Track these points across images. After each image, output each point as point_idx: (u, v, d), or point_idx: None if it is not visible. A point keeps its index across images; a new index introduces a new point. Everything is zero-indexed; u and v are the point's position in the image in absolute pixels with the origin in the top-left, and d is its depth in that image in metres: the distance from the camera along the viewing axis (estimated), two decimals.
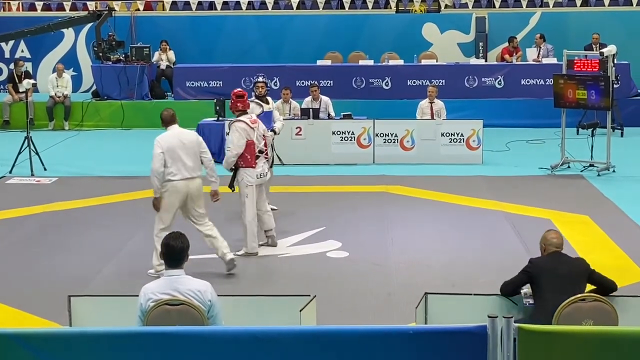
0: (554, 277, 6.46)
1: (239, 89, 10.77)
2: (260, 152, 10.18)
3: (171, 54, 20.49)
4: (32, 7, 22.37)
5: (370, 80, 19.24)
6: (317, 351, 4.48)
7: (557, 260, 6.65)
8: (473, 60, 19.96)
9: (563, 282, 6.39)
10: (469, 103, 18.55)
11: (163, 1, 22.47)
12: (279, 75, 19.02)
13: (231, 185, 10.21)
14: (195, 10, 22.04)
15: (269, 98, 11.90)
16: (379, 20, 21.45)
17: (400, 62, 19.57)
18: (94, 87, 20.30)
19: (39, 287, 9.14)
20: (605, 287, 6.44)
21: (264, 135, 10.30)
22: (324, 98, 15.91)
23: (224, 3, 22.03)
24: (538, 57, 19.68)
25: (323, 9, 21.89)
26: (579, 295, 6.17)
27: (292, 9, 21.99)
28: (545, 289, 6.42)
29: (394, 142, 15.34)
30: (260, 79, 12.69)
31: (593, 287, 6.60)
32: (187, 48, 21.15)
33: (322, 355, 4.48)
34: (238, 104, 10.24)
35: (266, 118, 11.26)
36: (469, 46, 21.05)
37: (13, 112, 19.13)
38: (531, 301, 6.53)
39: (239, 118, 10.16)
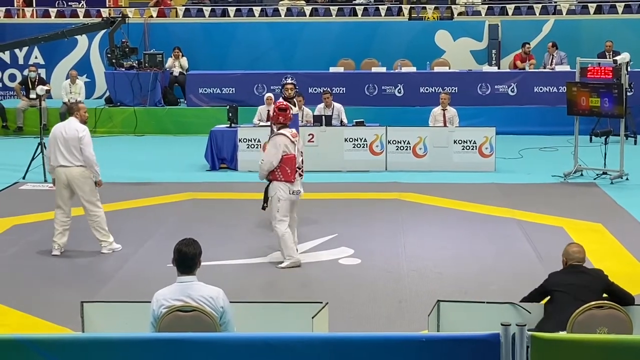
0: (569, 287, 6.42)
1: (282, 101, 10.66)
2: (298, 167, 10.03)
3: (184, 61, 20.55)
4: (46, 14, 22.46)
5: (382, 88, 19.26)
6: (328, 358, 4.47)
7: (575, 273, 6.60)
8: (486, 68, 19.93)
9: (579, 292, 6.34)
10: (482, 110, 18.54)
11: (176, 8, 22.55)
12: None
13: (264, 206, 10.06)
14: (208, 17, 22.09)
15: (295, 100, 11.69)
16: (392, 27, 21.45)
17: (413, 69, 19.58)
18: (107, 94, 20.37)
19: (51, 293, 9.17)
20: (623, 300, 6.37)
21: (301, 152, 10.15)
22: (337, 105, 15.93)
23: (237, 10, 22.07)
24: (551, 64, 19.64)
25: (336, 16, 21.90)
26: (594, 303, 6.12)
27: (305, 16, 22.02)
28: (561, 298, 6.38)
29: (406, 149, 15.33)
30: (289, 80, 12.65)
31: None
32: (200, 55, 21.21)
33: None
34: (280, 117, 9.98)
35: (293, 121, 11.08)
36: (481, 53, 21.02)
37: (26, 118, 19.23)
38: None
39: (280, 131, 9.94)
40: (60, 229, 10.38)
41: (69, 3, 23.13)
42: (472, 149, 15.22)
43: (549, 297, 6.54)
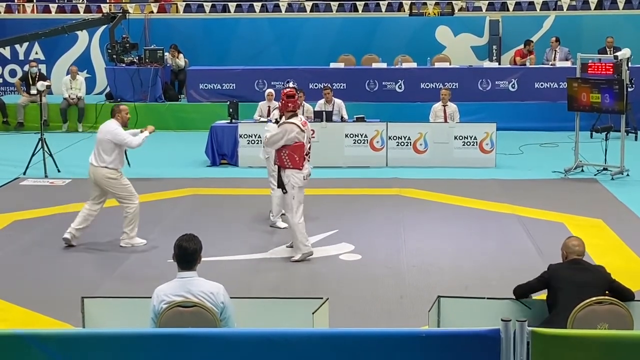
0: (571, 284, 6.35)
1: (289, 89, 10.61)
2: (306, 154, 10.09)
3: (180, 60, 20.41)
4: (47, 9, 22.45)
5: (383, 83, 19.24)
6: (329, 354, 4.47)
7: (576, 267, 6.55)
8: (486, 64, 19.92)
9: (581, 290, 6.26)
10: (483, 106, 18.52)
11: (177, 4, 22.54)
12: (292, 78, 19.03)
13: (283, 188, 10.03)
14: (209, 12, 22.09)
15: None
16: (393, 23, 21.44)
17: (414, 65, 19.56)
18: (108, 89, 20.35)
19: (52, 289, 9.17)
20: (624, 297, 6.35)
21: (309, 139, 10.20)
22: (337, 101, 15.92)
23: (237, 6, 22.07)
24: (553, 59, 19.63)
25: (336, 11, 21.90)
26: (595, 298, 6.11)
27: (306, 11, 22.03)
28: (562, 296, 6.32)
29: (407, 145, 15.33)
30: (291, 84, 12.65)
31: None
32: (201, 50, 21.19)
33: (334, 357, 4.47)
34: (289, 104, 10.00)
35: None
36: (482, 49, 21.01)
37: (27, 113, 19.21)
38: None
39: (290, 120, 9.94)
40: (81, 218, 10.47)
41: None
42: (473, 145, 15.21)
43: (550, 294, 6.50)
